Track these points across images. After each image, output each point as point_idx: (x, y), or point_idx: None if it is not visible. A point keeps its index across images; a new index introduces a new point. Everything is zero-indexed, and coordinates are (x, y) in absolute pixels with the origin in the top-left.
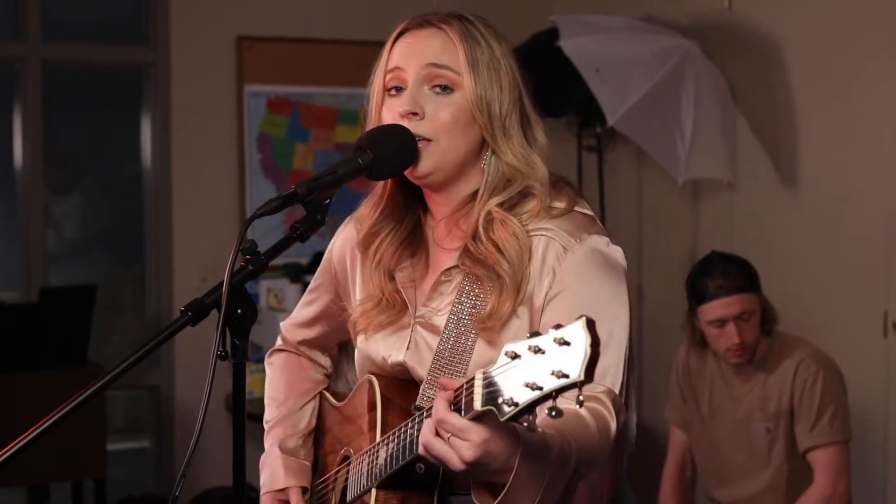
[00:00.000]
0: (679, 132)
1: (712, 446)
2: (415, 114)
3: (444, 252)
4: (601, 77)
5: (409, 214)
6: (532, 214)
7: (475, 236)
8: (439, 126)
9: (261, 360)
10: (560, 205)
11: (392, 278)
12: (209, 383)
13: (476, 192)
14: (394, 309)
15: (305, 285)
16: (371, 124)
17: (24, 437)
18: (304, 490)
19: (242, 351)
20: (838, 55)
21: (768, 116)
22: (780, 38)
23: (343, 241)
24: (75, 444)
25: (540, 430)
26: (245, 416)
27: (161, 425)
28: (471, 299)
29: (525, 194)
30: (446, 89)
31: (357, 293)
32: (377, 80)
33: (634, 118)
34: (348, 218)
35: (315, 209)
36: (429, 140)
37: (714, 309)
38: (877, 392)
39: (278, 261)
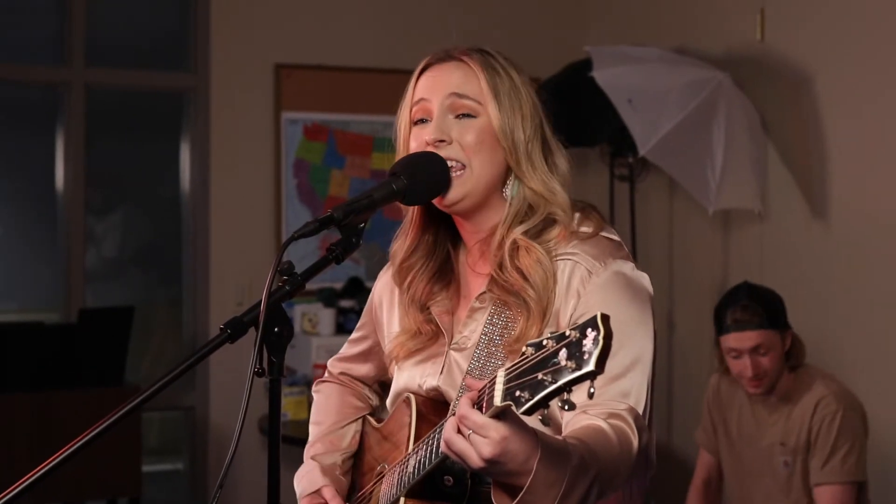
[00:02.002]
0: (710, 162)
1: (739, 472)
2: (442, 140)
3: (477, 276)
4: (634, 107)
5: (437, 248)
6: (558, 240)
7: (501, 265)
8: (467, 148)
9: (295, 384)
10: (587, 230)
11: (425, 310)
12: (246, 397)
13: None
14: (426, 336)
15: (339, 310)
16: (400, 155)
17: (62, 453)
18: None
19: (279, 367)
20: (869, 87)
21: (799, 147)
22: (811, 71)
23: (383, 285)
24: (111, 462)
25: (562, 437)
26: (280, 432)
27: (195, 447)
28: (502, 320)
29: (549, 221)
30: (469, 116)
31: (394, 326)
32: (404, 114)
33: (666, 148)
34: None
35: (350, 232)
36: (463, 167)
37: (729, 341)
38: None
39: (313, 285)
